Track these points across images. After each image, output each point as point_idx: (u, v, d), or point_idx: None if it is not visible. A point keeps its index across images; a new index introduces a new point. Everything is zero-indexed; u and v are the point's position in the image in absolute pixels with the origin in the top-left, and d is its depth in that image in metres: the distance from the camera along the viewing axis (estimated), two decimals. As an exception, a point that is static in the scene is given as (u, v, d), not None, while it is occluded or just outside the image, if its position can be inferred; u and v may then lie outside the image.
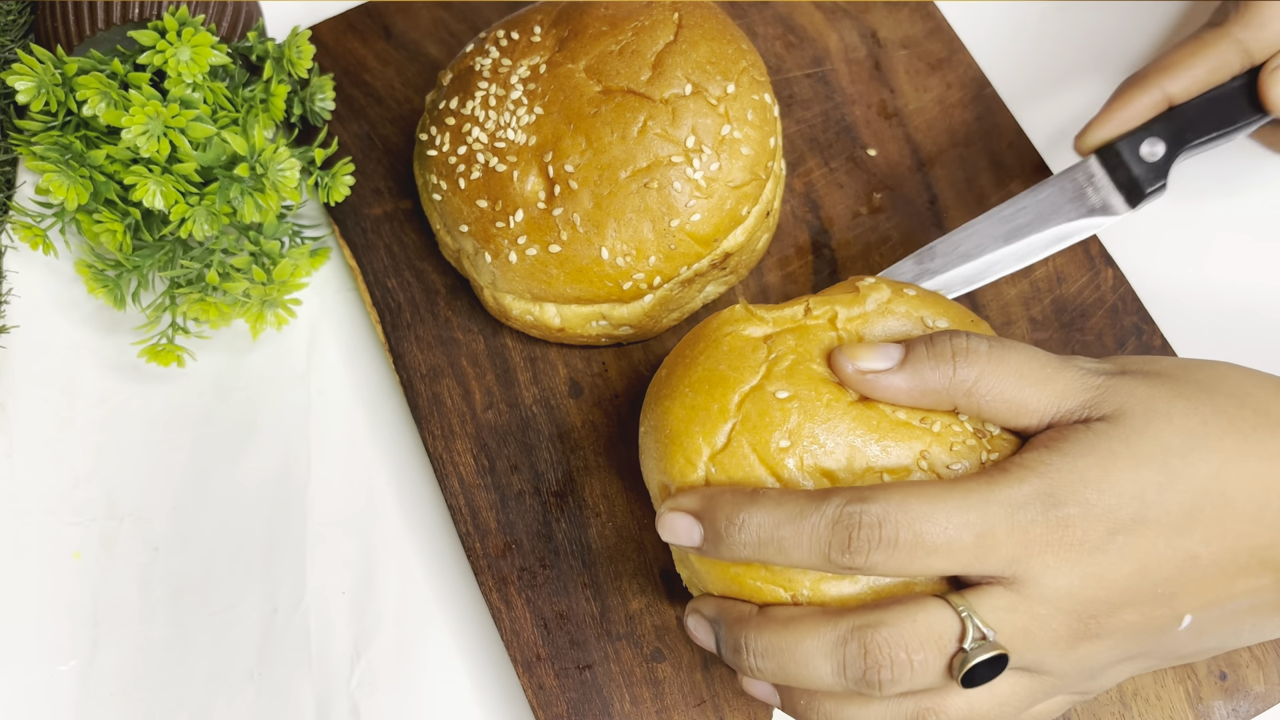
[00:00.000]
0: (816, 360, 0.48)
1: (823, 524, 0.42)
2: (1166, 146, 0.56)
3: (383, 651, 0.58)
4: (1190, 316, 0.62)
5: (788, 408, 0.46)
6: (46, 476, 0.61)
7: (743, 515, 0.44)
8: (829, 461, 0.46)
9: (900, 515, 0.42)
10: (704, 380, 0.48)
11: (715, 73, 0.56)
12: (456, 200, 0.57)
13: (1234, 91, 0.57)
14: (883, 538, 0.42)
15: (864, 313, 0.49)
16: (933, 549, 0.42)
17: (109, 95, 0.56)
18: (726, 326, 0.49)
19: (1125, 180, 0.57)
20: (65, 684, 0.57)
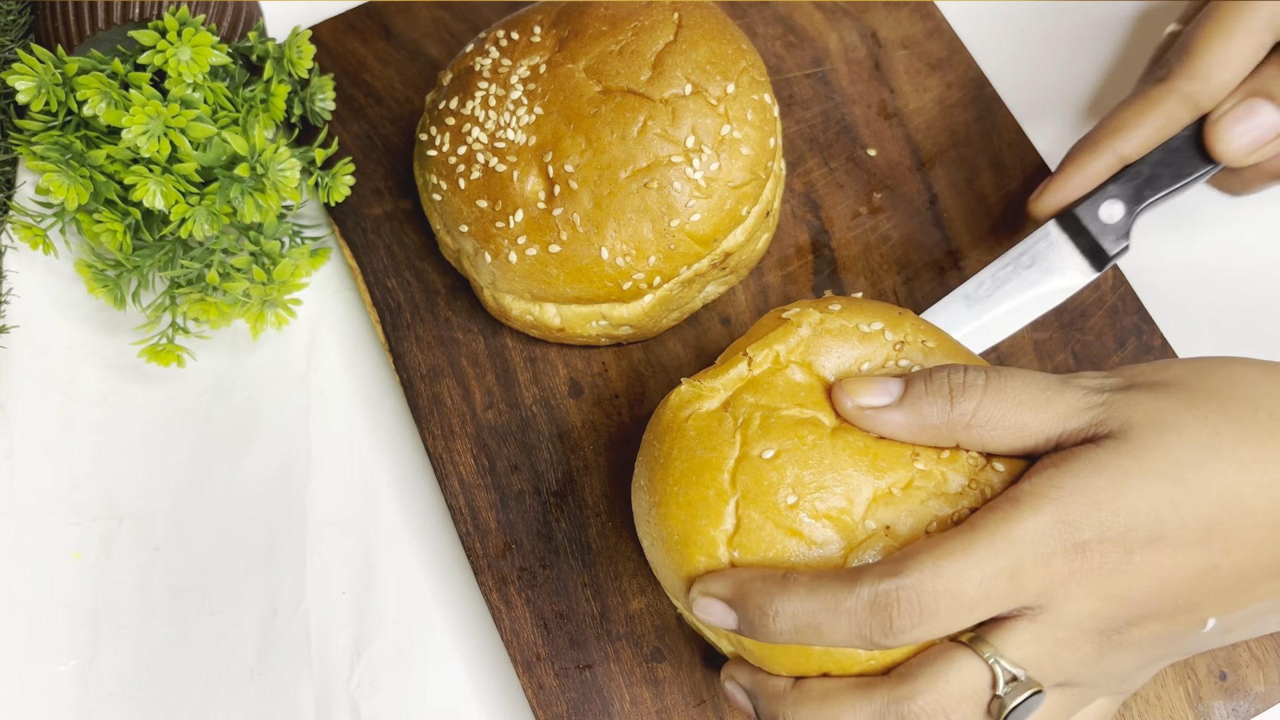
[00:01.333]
0: (782, 405, 0.47)
1: (860, 608, 0.42)
2: (1125, 206, 0.56)
3: (383, 651, 0.58)
4: (1190, 317, 0.62)
5: (779, 464, 0.46)
6: (46, 476, 0.61)
7: (776, 604, 0.43)
8: (837, 501, 0.45)
9: (935, 582, 0.41)
10: (688, 473, 0.47)
11: (715, 73, 0.56)
12: (456, 200, 0.57)
13: (1185, 144, 0.56)
14: (922, 610, 0.41)
15: (801, 339, 0.49)
16: (972, 605, 0.42)
17: (109, 95, 0.56)
18: (683, 411, 0.48)
19: (1087, 245, 0.56)
20: (65, 684, 0.57)
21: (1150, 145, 0.56)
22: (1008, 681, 0.42)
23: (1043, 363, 0.59)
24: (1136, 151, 0.56)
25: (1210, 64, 0.55)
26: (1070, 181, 0.56)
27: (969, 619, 0.42)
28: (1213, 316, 0.62)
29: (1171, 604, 0.43)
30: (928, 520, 0.45)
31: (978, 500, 0.46)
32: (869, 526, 0.45)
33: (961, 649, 0.43)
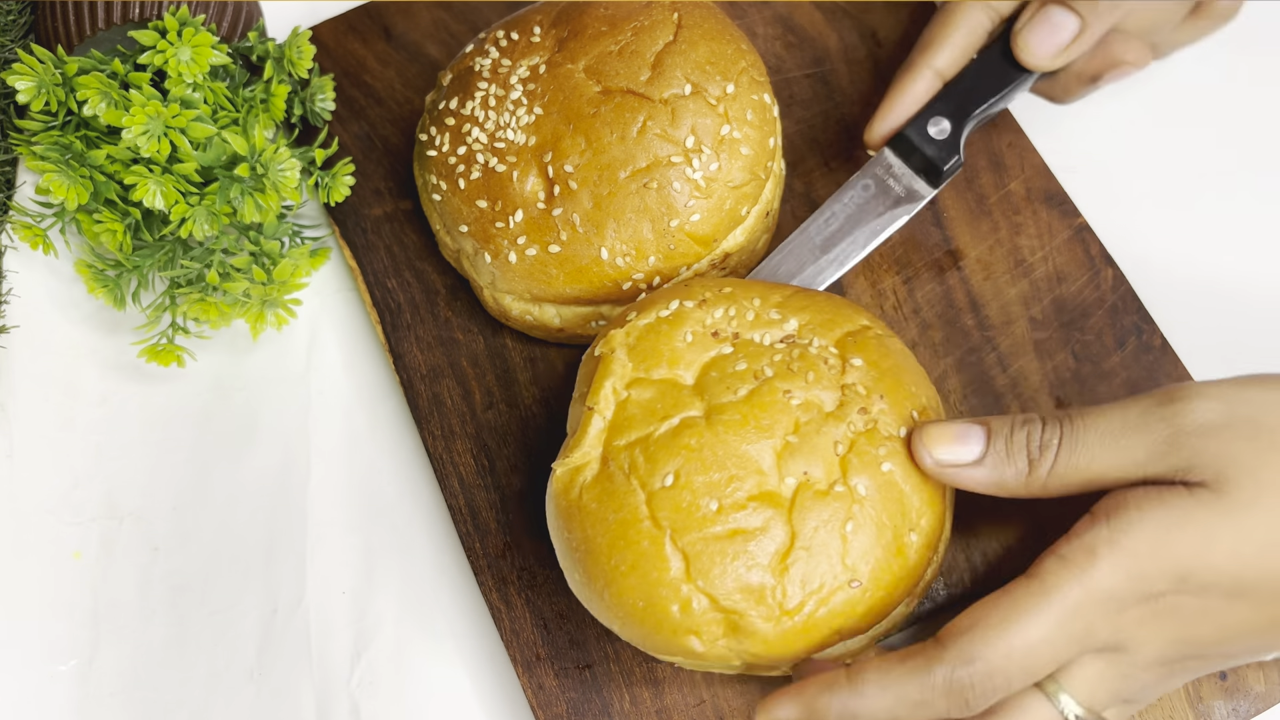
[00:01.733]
0: (651, 429, 0.48)
1: (936, 696, 0.42)
2: (951, 121, 0.57)
3: (383, 651, 0.58)
4: (1190, 316, 0.62)
5: (683, 482, 0.46)
6: (46, 476, 0.61)
7: (852, 710, 0.43)
8: (751, 481, 0.46)
9: (1007, 661, 0.41)
10: (614, 542, 0.47)
11: (715, 73, 0.56)
12: (456, 200, 0.58)
13: (998, 55, 0.58)
14: (995, 686, 0.41)
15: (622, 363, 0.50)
16: (1041, 669, 0.42)
17: (109, 95, 0.56)
18: (571, 493, 0.48)
19: (922, 163, 0.58)
20: (65, 684, 0.57)
21: (963, 57, 0.58)
22: None
23: (1042, 362, 0.59)
24: (951, 65, 0.58)
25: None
26: (896, 106, 0.58)
27: (1042, 674, 0.42)
28: (1213, 316, 0.62)
29: (1240, 645, 0.43)
30: (832, 449, 0.46)
31: (856, 403, 0.47)
32: (790, 484, 0.46)
33: (1032, 691, 0.44)
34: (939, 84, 0.58)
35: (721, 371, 0.49)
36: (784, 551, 0.46)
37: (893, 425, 0.48)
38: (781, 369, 0.48)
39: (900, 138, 0.58)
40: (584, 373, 0.52)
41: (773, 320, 0.50)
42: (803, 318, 0.51)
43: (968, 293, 0.61)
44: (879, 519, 0.47)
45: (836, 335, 0.50)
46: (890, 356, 0.50)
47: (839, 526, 0.46)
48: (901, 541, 0.47)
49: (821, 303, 0.52)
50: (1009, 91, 0.58)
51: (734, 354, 0.49)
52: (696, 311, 0.50)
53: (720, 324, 0.50)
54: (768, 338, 0.50)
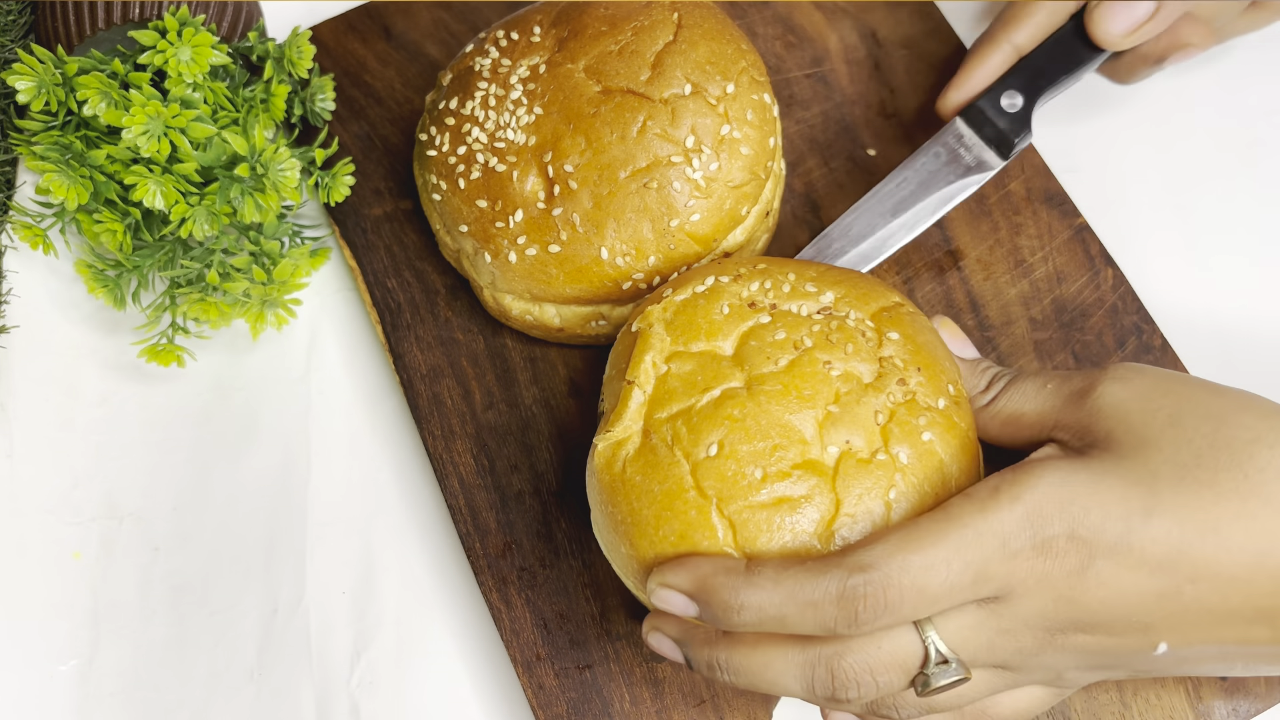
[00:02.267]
0: (693, 401, 0.48)
1: (827, 601, 0.42)
2: (1024, 96, 0.59)
3: (383, 651, 0.58)
4: (1190, 316, 0.62)
5: (728, 452, 0.46)
6: (46, 476, 0.61)
7: (742, 598, 0.43)
8: (795, 449, 0.46)
9: (902, 576, 0.42)
10: (660, 512, 0.47)
11: (715, 73, 0.56)
12: (456, 200, 0.58)
13: (1071, 34, 0.59)
14: (887, 605, 0.42)
15: (660, 338, 0.49)
16: (935, 599, 0.42)
17: (109, 95, 0.56)
18: (615, 467, 0.48)
19: (993, 135, 0.59)
20: (65, 684, 0.57)
21: (1041, 34, 0.59)
22: (938, 662, 0.43)
23: (1043, 362, 0.59)
24: (1029, 41, 0.59)
25: None
26: (972, 77, 0.59)
27: (932, 610, 0.42)
28: (1212, 316, 0.62)
29: (1124, 619, 0.43)
30: (873, 419, 0.47)
31: (895, 375, 0.48)
32: (833, 453, 0.46)
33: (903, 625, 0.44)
34: (1015, 58, 0.59)
35: (761, 341, 0.49)
36: (829, 519, 0.46)
37: (930, 397, 0.49)
38: (820, 339, 0.49)
39: (973, 108, 0.59)
40: (619, 350, 0.51)
41: (809, 293, 0.50)
42: (838, 291, 0.51)
43: (968, 293, 0.61)
44: (921, 486, 0.47)
45: (872, 309, 0.51)
46: (924, 333, 0.51)
47: (883, 494, 0.46)
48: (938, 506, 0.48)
49: (855, 279, 0.52)
50: (1080, 69, 0.59)
51: (772, 324, 0.49)
52: (733, 285, 0.51)
53: (757, 295, 0.50)
54: (805, 309, 0.50)
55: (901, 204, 0.59)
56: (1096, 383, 0.46)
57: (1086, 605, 0.43)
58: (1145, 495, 0.42)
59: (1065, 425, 0.46)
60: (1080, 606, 0.43)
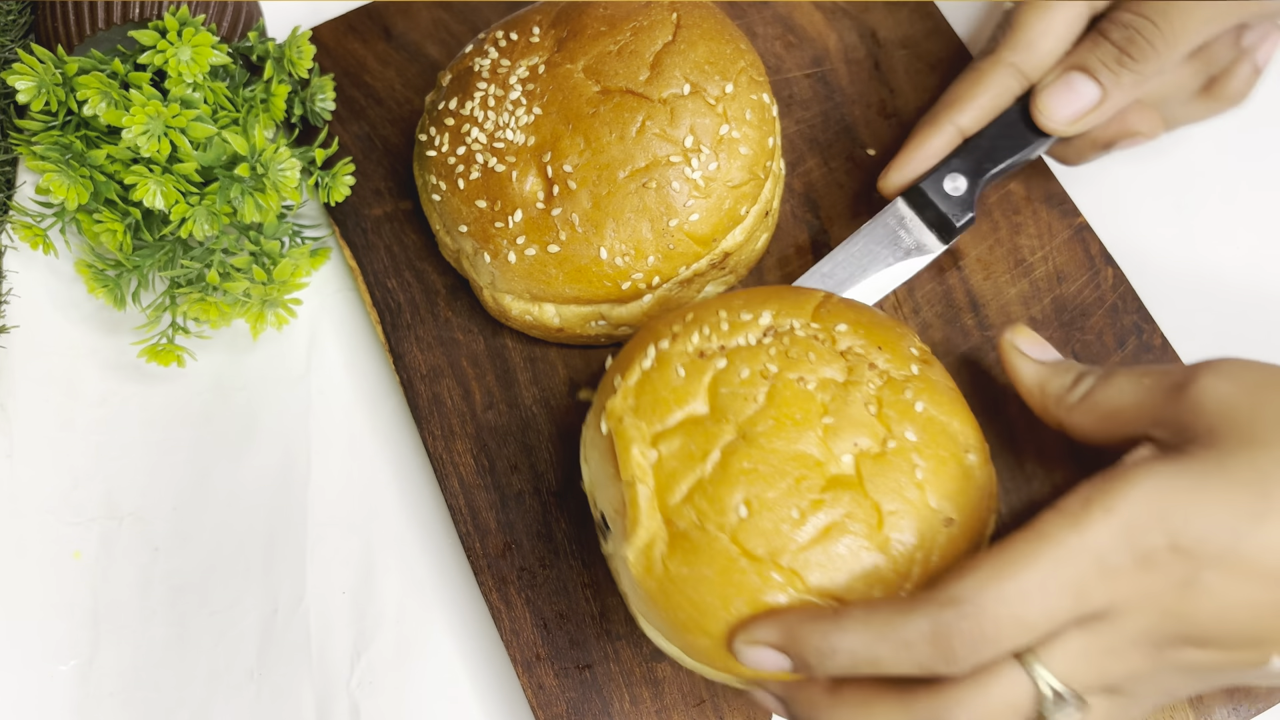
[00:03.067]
0: (682, 473, 0.47)
1: (919, 640, 0.41)
2: (967, 179, 0.58)
3: (383, 651, 0.58)
4: (1190, 316, 0.62)
5: (755, 506, 0.45)
6: (46, 476, 0.61)
7: (833, 643, 0.42)
8: (818, 477, 0.46)
9: (997, 606, 0.40)
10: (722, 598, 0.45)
11: (714, 73, 0.56)
12: (456, 200, 0.58)
13: (1018, 117, 0.58)
14: (984, 638, 0.40)
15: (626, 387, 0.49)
16: (1033, 627, 0.41)
17: (109, 95, 0.56)
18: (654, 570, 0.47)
19: (934, 218, 0.58)
20: (65, 684, 0.57)
21: (986, 117, 0.58)
22: (1053, 700, 0.41)
23: (1043, 362, 0.59)
24: (974, 124, 0.58)
25: (1032, 35, 0.57)
26: (914, 158, 0.58)
27: (1031, 639, 0.41)
28: (1213, 316, 0.62)
29: (1236, 634, 0.42)
30: (866, 413, 0.47)
31: (862, 363, 0.48)
32: (848, 461, 0.46)
33: (1007, 661, 0.42)
34: (959, 140, 0.59)
35: (730, 386, 0.48)
36: (876, 524, 0.46)
37: (902, 368, 0.49)
38: (782, 360, 0.48)
39: (915, 190, 0.58)
40: (599, 455, 0.50)
41: (746, 321, 0.50)
42: (772, 307, 0.51)
43: (967, 292, 0.61)
44: (938, 454, 0.47)
45: (809, 311, 0.51)
46: (864, 312, 0.52)
47: (911, 478, 0.46)
48: (964, 465, 0.48)
49: (780, 291, 0.52)
50: (1026, 153, 0.59)
51: (730, 365, 0.49)
52: (675, 346, 0.50)
53: (701, 345, 0.49)
54: (751, 336, 0.49)
55: (840, 285, 0.58)
56: (1198, 376, 0.44)
57: (1196, 620, 0.41)
58: (1255, 498, 0.40)
59: (1164, 421, 0.45)
60: (1189, 621, 0.41)
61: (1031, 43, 0.57)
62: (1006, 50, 0.58)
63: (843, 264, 0.58)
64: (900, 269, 0.58)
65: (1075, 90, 0.56)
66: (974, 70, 0.58)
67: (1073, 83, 0.56)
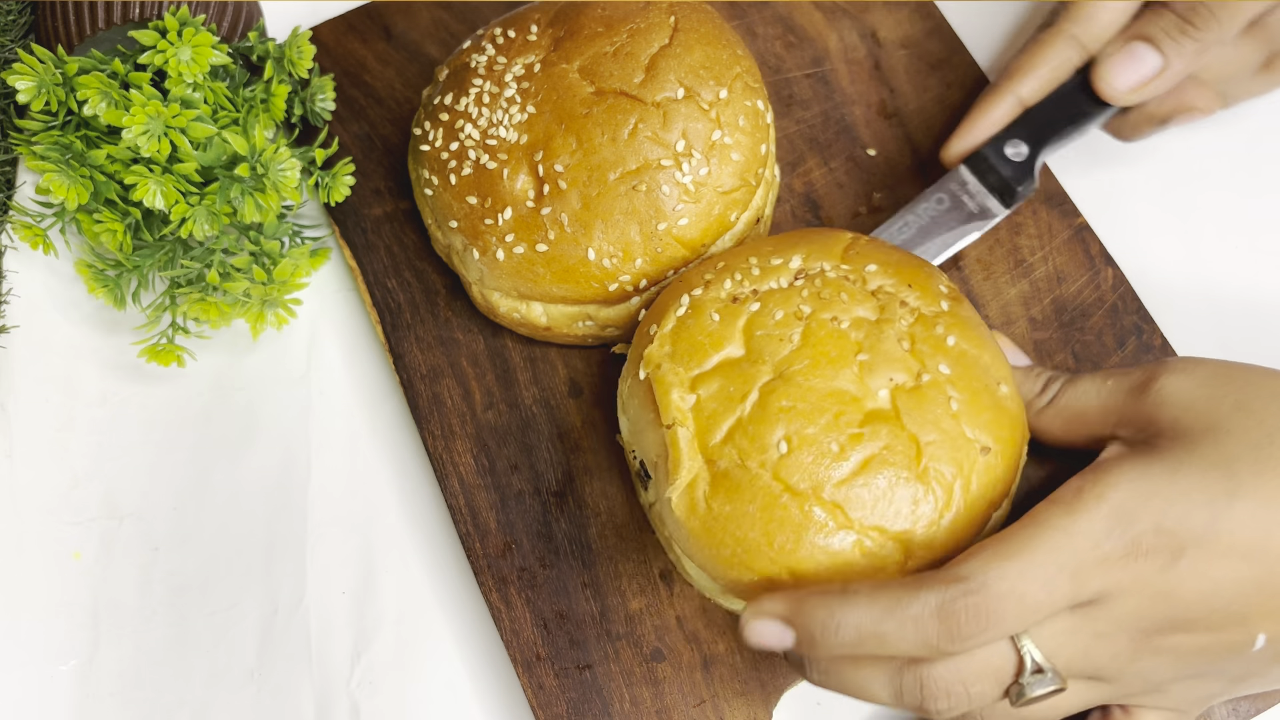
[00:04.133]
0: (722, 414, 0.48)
1: (926, 616, 0.42)
2: (1029, 146, 0.59)
3: (383, 651, 0.58)
4: (1190, 316, 0.62)
5: (795, 442, 0.46)
6: (46, 476, 0.61)
7: (838, 618, 0.43)
8: (855, 411, 0.47)
9: (1000, 585, 0.41)
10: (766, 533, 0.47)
11: (708, 77, 0.56)
12: (447, 196, 0.58)
13: (1077, 87, 0.60)
14: (989, 614, 0.41)
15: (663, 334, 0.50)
16: (1037, 607, 0.42)
17: (110, 95, 0.56)
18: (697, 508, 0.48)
19: (997, 183, 0.59)
20: (65, 684, 0.57)
21: (1046, 87, 0.59)
22: (1034, 671, 0.43)
23: (1042, 362, 0.59)
24: (1034, 94, 0.59)
25: (1092, 7, 0.58)
26: (976, 126, 0.59)
27: (1034, 619, 0.42)
28: (1213, 316, 0.62)
29: (1221, 611, 0.43)
30: (899, 349, 0.48)
31: (894, 301, 0.49)
32: (884, 396, 0.47)
33: None
34: (1020, 109, 0.60)
35: (765, 328, 0.49)
36: (916, 455, 0.46)
37: (932, 304, 0.50)
38: (815, 301, 0.49)
39: (977, 156, 0.59)
40: (637, 402, 0.51)
41: (777, 266, 0.51)
42: (801, 251, 0.52)
43: (968, 292, 0.61)
44: (971, 385, 0.48)
45: (838, 253, 0.51)
46: (893, 251, 0.52)
47: (946, 409, 0.47)
48: (996, 396, 0.49)
49: (808, 235, 0.53)
50: (1085, 123, 0.59)
51: (764, 308, 0.50)
52: (708, 293, 0.51)
53: (734, 290, 0.51)
54: (783, 280, 0.50)
55: (903, 248, 0.58)
56: (1157, 375, 0.46)
57: (1182, 599, 0.42)
58: (1225, 479, 0.42)
59: (1129, 420, 0.47)
60: (1176, 602, 0.42)
61: (1092, 14, 0.58)
62: (1067, 22, 0.59)
63: (907, 226, 0.59)
64: (963, 232, 0.59)
65: (1138, 59, 0.57)
66: (1035, 42, 0.59)
67: (1135, 51, 0.57)
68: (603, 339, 0.59)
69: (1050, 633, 0.43)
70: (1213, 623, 0.43)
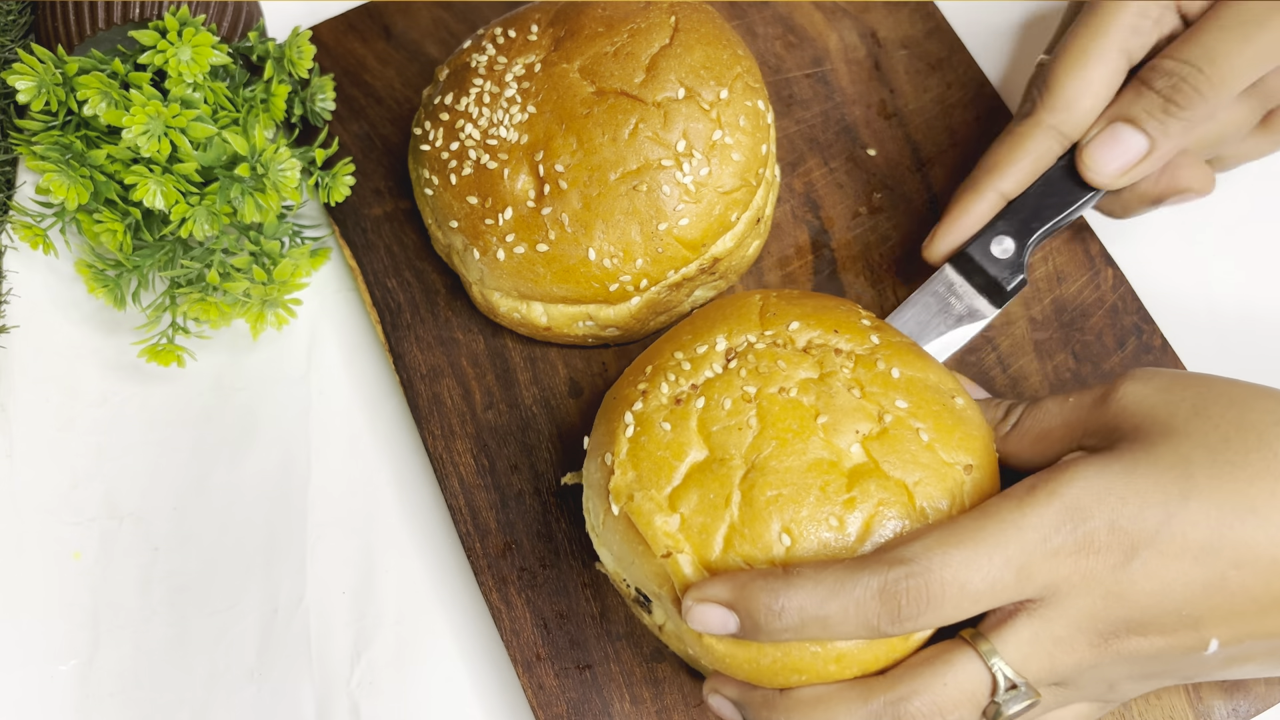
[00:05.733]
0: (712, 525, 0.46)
1: (867, 596, 0.42)
2: (1015, 241, 0.56)
3: (383, 651, 0.58)
4: (1190, 316, 0.62)
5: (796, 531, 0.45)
6: (46, 476, 0.61)
7: (781, 600, 0.43)
8: (837, 478, 0.46)
9: (943, 571, 0.42)
10: None
11: (709, 77, 0.56)
12: (447, 196, 0.58)
13: (1062, 174, 0.57)
14: (929, 598, 0.42)
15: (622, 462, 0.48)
16: (978, 596, 0.42)
17: (110, 95, 0.56)
18: None
19: (985, 283, 0.57)
20: (65, 684, 0.57)
21: (1028, 179, 0.57)
22: (1008, 688, 0.43)
23: (1042, 362, 0.59)
24: (1016, 187, 0.57)
25: (1070, 94, 0.55)
26: (958, 225, 0.57)
27: (975, 608, 0.42)
28: (1212, 316, 0.62)
29: (1174, 614, 0.43)
30: (852, 399, 0.48)
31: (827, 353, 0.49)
32: (856, 451, 0.47)
33: (962, 649, 0.44)
34: (1002, 204, 0.57)
35: (719, 421, 0.48)
36: (909, 499, 0.46)
37: (864, 341, 0.50)
38: (756, 378, 0.49)
39: (962, 255, 0.57)
40: (618, 537, 0.49)
41: (703, 354, 0.50)
42: (720, 330, 0.51)
43: (968, 293, 0.61)
44: (931, 410, 0.48)
45: (755, 321, 0.51)
46: (804, 299, 0.52)
47: (918, 442, 0.47)
48: (955, 411, 0.49)
49: (718, 309, 0.52)
50: (1073, 210, 0.57)
51: (711, 400, 0.49)
52: (648, 404, 0.49)
53: (673, 391, 0.49)
54: (716, 365, 0.50)
55: None
56: (1117, 385, 0.47)
57: (1135, 601, 0.43)
58: (1180, 480, 0.42)
59: (1093, 431, 0.47)
60: (1129, 603, 0.43)
61: (1070, 102, 0.55)
62: (1045, 111, 0.56)
63: None
64: (953, 336, 0.57)
65: (1122, 142, 0.55)
66: (1012, 134, 0.57)
67: (1119, 134, 0.55)
68: (603, 339, 0.59)
69: (1015, 643, 0.43)
70: (1165, 625, 0.43)
